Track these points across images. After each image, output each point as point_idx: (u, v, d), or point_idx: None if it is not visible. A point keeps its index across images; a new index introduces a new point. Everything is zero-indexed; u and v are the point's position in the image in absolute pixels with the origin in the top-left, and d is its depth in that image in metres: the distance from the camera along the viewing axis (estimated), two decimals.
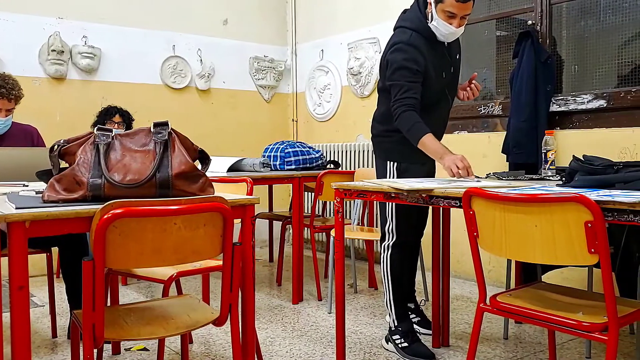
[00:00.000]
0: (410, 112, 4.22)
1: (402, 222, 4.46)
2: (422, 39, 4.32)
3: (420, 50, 4.30)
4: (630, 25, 5.48)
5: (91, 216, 2.52)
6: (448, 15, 4.18)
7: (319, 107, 8.77)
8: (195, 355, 4.43)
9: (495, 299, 3.09)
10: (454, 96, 4.66)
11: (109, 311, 3.08)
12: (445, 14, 4.18)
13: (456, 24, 4.21)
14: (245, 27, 8.80)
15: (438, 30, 4.27)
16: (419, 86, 4.28)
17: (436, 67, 4.38)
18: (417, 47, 4.30)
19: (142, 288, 6.37)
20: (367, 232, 6.04)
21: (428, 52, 4.33)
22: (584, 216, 2.55)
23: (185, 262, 2.86)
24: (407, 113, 4.22)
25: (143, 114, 7.12)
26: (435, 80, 4.38)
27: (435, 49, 4.38)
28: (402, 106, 4.25)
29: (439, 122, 4.54)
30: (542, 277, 4.68)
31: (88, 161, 2.78)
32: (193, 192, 2.87)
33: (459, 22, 4.22)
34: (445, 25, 4.21)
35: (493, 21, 6.61)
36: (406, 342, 4.40)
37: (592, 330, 2.67)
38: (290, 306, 5.75)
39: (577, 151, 4.21)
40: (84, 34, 7.37)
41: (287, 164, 6.06)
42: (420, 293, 5.70)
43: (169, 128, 2.93)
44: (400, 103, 4.26)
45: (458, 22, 4.21)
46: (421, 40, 4.32)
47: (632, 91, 5.18)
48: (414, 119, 4.20)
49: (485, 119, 6.42)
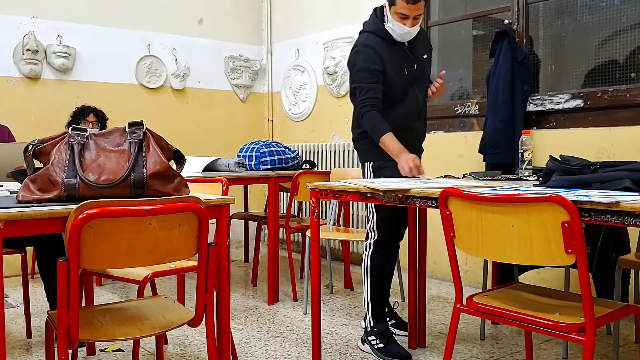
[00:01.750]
0: (372, 112, 4.42)
1: (382, 219, 4.48)
2: (378, 39, 4.51)
3: (375, 50, 4.48)
4: (606, 25, 5.51)
5: (66, 216, 2.50)
6: (401, 16, 4.37)
7: (294, 106, 8.76)
8: (170, 356, 4.42)
9: (471, 299, 3.09)
10: (425, 92, 4.75)
11: (83, 312, 3.06)
12: (398, 15, 4.38)
13: (409, 24, 4.39)
14: (220, 26, 8.78)
15: (394, 31, 4.46)
16: (379, 86, 4.46)
17: (395, 65, 4.52)
18: (373, 48, 4.49)
19: (117, 288, 6.34)
20: (343, 232, 6.04)
21: (385, 51, 4.49)
22: (561, 216, 2.55)
23: (160, 263, 2.85)
24: (369, 113, 4.41)
25: (118, 113, 7.09)
26: (395, 77, 4.52)
27: (393, 48, 4.53)
28: (365, 107, 4.43)
29: (412, 116, 4.63)
30: (519, 278, 4.70)
31: (62, 161, 2.77)
32: (168, 192, 2.86)
33: (412, 22, 4.40)
34: (399, 26, 4.40)
35: (470, 20, 6.64)
36: (382, 342, 4.41)
37: (568, 330, 2.68)
38: (265, 307, 5.74)
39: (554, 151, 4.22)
40: (59, 34, 7.32)
41: (263, 164, 6.06)
42: (397, 293, 5.71)
43: (144, 128, 2.92)
44: (363, 104, 4.45)
45: (411, 22, 4.39)
46: (377, 40, 4.51)
47: (609, 91, 5.20)
48: (376, 119, 4.41)
49: (462, 118, 6.44)
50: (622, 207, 2.43)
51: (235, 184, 5.42)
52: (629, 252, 4.48)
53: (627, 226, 2.56)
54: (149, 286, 4.18)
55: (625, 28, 5.39)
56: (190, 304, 4.74)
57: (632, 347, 4.56)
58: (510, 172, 4.75)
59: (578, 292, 2.70)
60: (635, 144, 4.99)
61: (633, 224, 2.44)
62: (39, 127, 6.96)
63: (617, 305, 2.97)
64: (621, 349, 4.46)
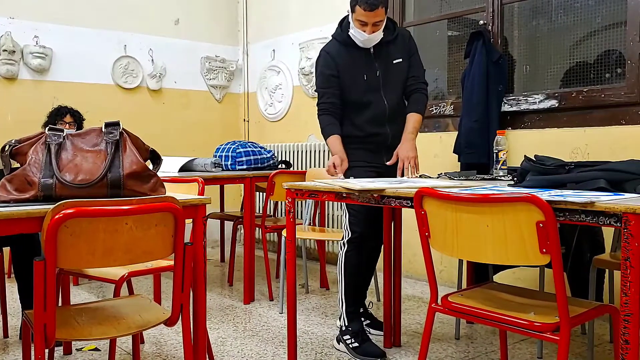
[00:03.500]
0: (323, 115, 4.66)
1: (354, 217, 4.50)
2: (337, 45, 4.65)
3: (332, 55, 4.63)
4: (581, 25, 5.55)
5: (42, 216, 2.51)
6: (360, 23, 4.42)
7: (270, 107, 8.77)
8: (146, 355, 4.42)
9: (446, 299, 3.10)
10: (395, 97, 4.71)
11: (60, 311, 3.06)
12: (358, 22, 4.43)
13: (369, 31, 4.43)
14: (196, 27, 8.78)
15: (356, 38, 4.52)
16: (332, 90, 4.63)
17: (352, 71, 4.60)
18: (330, 53, 4.64)
19: (93, 288, 6.33)
20: (319, 232, 6.06)
21: (342, 57, 4.62)
22: (536, 216, 2.56)
23: (137, 262, 2.86)
24: (321, 117, 4.67)
25: (95, 114, 7.07)
26: (352, 83, 4.61)
27: (353, 53, 4.61)
28: (319, 110, 4.68)
29: (378, 121, 4.64)
30: (494, 277, 4.72)
31: (39, 161, 2.77)
32: (144, 192, 2.87)
33: (371, 29, 4.44)
34: (359, 33, 4.46)
35: (444, 21, 6.67)
36: (357, 342, 4.42)
37: (543, 330, 2.69)
38: (241, 306, 5.75)
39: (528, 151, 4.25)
40: (36, 34, 7.30)
41: (239, 164, 6.06)
42: (372, 293, 5.73)
43: (120, 128, 2.93)
44: (319, 108, 4.68)
45: (370, 28, 4.43)
46: (337, 46, 4.66)
47: (583, 91, 5.24)
48: (324, 122, 4.66)
49: (437, 119, 6.46)
50: (596, 207, 2.44)
51: (211, 184, 5.43)
52: (603, 252, 4.50)
53: (601, 226, 2.58)
54: (125, 286, 4.18)
55: (600, 29, 5.44)
56: (166, 304, 4.75)
57: (606, 346, 4.60)
58: (485, 172, 4.76)
59: (553, 291, 2.71)
60: (610, 144, 5.03)
61: (607, 224, 2.45)
62: (16, 128, 6.94)
63: (591, 304, 2.99)
64: (596, 349, 4.49)
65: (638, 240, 2.35)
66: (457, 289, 3.92)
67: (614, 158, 4.02)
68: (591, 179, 2.94)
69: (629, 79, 4.94)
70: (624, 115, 5.00)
